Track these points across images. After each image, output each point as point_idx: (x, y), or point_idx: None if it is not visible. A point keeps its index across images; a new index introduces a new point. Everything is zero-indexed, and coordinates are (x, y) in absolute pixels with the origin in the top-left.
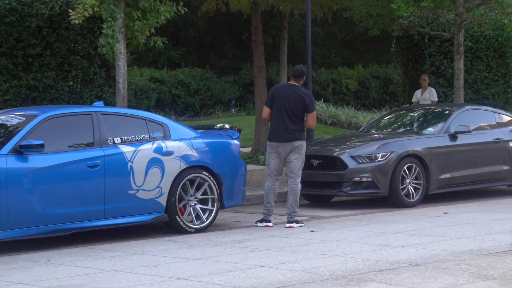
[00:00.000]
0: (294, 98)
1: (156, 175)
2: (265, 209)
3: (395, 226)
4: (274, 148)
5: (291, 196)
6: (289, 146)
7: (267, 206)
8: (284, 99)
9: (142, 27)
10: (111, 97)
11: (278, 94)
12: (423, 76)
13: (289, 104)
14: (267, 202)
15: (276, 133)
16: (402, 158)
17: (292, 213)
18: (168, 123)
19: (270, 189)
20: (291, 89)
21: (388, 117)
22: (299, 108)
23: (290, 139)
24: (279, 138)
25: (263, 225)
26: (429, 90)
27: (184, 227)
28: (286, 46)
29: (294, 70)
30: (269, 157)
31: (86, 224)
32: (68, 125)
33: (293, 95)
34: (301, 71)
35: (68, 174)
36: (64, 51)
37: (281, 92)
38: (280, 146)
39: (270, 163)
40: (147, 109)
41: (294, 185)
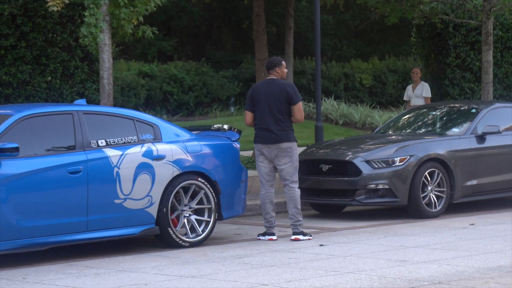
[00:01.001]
0: (276, 94)
1: (145, 182)
2: (265, 222)
3: (415, 240)
4: (259, 150)
5: (291, 203)
6: (274, 148)
7: (267, 217)
8: (265, 98)
9: (129, 15)
10: (94, 94)
11: (257, 95)
12: (415, 68)
13: (272, 102)
14: (265, 213)
15: (260, 134)
16: (423, 162)
17: (296, 223)
18: (159, 124)
19: (265, 198)
20: (271, 85)
21: (407, 116)
22: (283, 103)
23: (275, 140)
24: (263, 140)
25: (266, 239)
26: (422, 85)
27: (177, 240)
28: (292, 36)
29: (267, 62)
30: (258, 160)
31: (67, 238)
32: (46, 126)
33: (274, 90)
34: (270, 61)
35: (46, 181)
36: (41, 42)
37: (260, 91)
38: (265, 148)
39: (260, 168)
40: (135, 108)
41: (291, 191)
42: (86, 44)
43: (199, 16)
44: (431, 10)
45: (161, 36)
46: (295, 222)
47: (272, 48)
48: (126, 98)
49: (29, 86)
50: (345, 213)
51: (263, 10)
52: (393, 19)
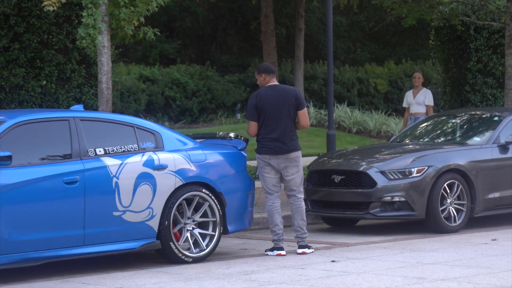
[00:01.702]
0: (285, 101)
1: (146, 193)
2: (274, 235)
3: (433, 256)
4: (265, 161)
5: (298, 215)
6: (283, 159)
7: (275, 230)
8: (273, 106)
9: (129, 15)
10: (92, 100)
11: (263, 103)
12: (416, 73)
13: (281, 110)
14: (273, 225)
15: (268, 144)
16: (442, 173)
17: (302, 235)
18: (160, 131)
19: (272, 208)
20: (278, 91)
21: (425, 124)
22: (292, 111)
23: (285, 150)
24: (271, 151)
25: (274, 254)
26: (424, 91)
27: (179, 255)
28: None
29: (267, 66)
30: (262, 172)
31: (63, 252)
32: (41, 133)
33: (283, 97)
34: (269, 65)
35: (41, 192)
36: (36, 44)
37: (267, 98)
38: (273, 159)
39: (266, 179)
40: (136, 114)
41: (297, 201)
42: (83, 46)
43: (204, 17)
44: (451, 11)
45: (163, 38)
46: (302, 234)
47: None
48: (126, 104)
49: (22, 90)
50: (359, 227)
51: (272, 10)
52: (410, 20)
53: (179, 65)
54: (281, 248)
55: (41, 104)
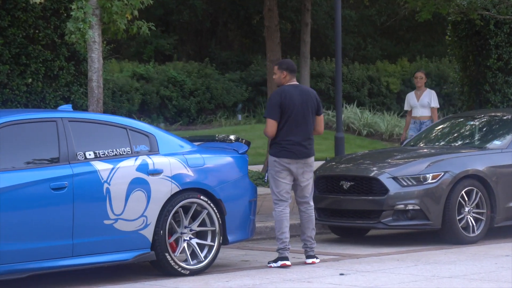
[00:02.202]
0: (310, 102)
1: (139, 200)
2: (280, 243)
3: (450, 269)
4: (284, 165)
5: (310, 224)
6: (302, 163)
7: (282, 237)
8: (299, 107)
9: (122, 8)
10: (81, 99)
11: (290, 102)
12: (419, 72)
13: (306, 112)
14: (281, 233)
15: (292, 148)
16: (460, 180)
17: (311, 245)
18: (155, 133)
19: (283, 216)
20: (302, 92)
21: (442, 127)
22: (313, 113)
23: (306, 155)
24: (294, 155)
25: (278, 265)
26: (428, 92)
27: (175, 267)
28: (308, 34)
29: (288, 64)
30: (278, 177)
31: (50, 264)
32: (26, 135)
33: (307, 98)
34: (291, 63)
35: (26, 198)
36: (21, 39)
37: (293, 98)
38: (293, 163)
39: (280, 184)
40: (129, 115)
41: (309, 210)
42: (72, 41)
43: (203, 10)
44: (469, 4)
45: (159, 32)
46: (311, 244)
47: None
48: (118, 104)
49: (6, 89)
50: (369, 237)
51: (276, 4)
52: (425, 15)
53: (176, 62)
54: (286, 258)
55: (27, 104)
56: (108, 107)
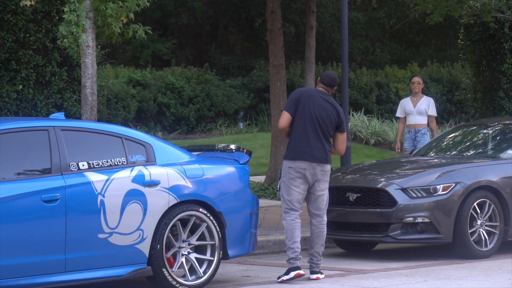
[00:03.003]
0: (329, 110)
1: (135, 213)
2: (291, 253)
3: (461, 284)
4: (299, 172)
5: (319, 239)
6: (319, 170)
7: (293, 247)
8: (316, 108)
9: (117, 11)
10: (75, 107)
11: (308, 101)
12: (416, 77)
13: (323, 116)
14: (292, 242)
15: (305, 149)
16: (472, 191)
17: (318, 261)
18: (152, 143)
19: (293, 224)
20: (324, 98)
21: (453, 135)
22: (332, 124)
23: (323, 160)
24: (310, 157)
25: (291, 276)
26: (426, 99)
27: (173, 284)
28: (314, 38)
29: (325, 75)
30: (291, 184)
31: (41, 280)
32: (16, 144)
33: (328, 106)
34: (333, 78)
35: (16, 211)
36: (11, 43)
37: (312, 98)
38: (309, 169)
39: (293, 193)
40: (124, 123)
41: (321, 225)
42: (65, 46)
43: (202, 13)
44: (482, 6)
45: (156, 36)
46: (318, 260)
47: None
48: (113, 111)
49: None
50: (377, 251)
51: (279, 6)
52: (436, 17)
53: (174, 67)
54: (298, 268)
55: (17, 112)
56: (103, 115)
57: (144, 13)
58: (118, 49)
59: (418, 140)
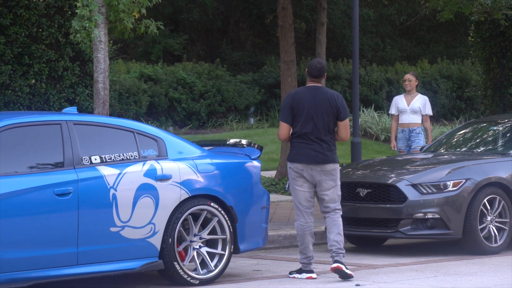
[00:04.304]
0: (324, 106)
1: (147, 207)
2: (303, 257)
3: (471, 280)
4: (297, 172)
5: (335, 228)
6: (318, 170)
7: (305, 252)
8: (311, 108)
9: (129, 6)
10: (87, 101)
11: (301, 104)
12: (408, 75)
13: (318, 115)
14: (304, 247)
15: (302, 150)
16: (482, 187)
17: (338, 250)
18: (164, 137)
19: (304, 229)
20: (315, 93)
21: (463, 132)
22: (331, 119)
23: (321, 160)
24: (306, 158)
25: (303, 277)
26: (420, 98)
27: (184, 277)
28: (324, 34)
29: (311, 68)
30: (294, 184)
31: (54, 273)
32: (29, 138)
33: (321, 101)
34: (320, 68)
35: (29, 204)
36: (24, 38)
37: (303, 100)
38: (306, 170)
39: (298, 193)
40: (136, 118)
41: (334, 215)
42: (77, 41)
43: (213, 9)
44: (493, 3)
45: (168, 32)
46: (338, 249)
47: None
48: (125, 106)
49: (8, 90)
50: (387, 246)
51: (290, 2)
52: (447, 14)
53: (185, 63)
54: (311, 271)
55: (30, 106)
56: (115, 109)
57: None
58: (130, 44)
59: (412, 140)
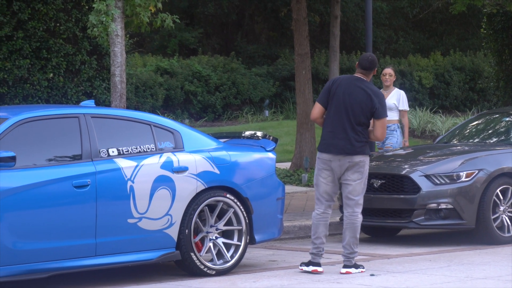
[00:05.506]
0: (360, 97)
1: (164, 198)
2: (313, 247)
3: (484, 269)
4: (325, 163)
5: (349, 231)
6: (346, 161)
7: (316, 242)
8: (345, 96)
9: (145, 0)
10: (104, 95)
11: (338, 89)
12: (387, 69)
13: (352, 104)
14: (316, 237)
15: (330, 140)
16: (495, 178)
17: (349, 254)
18: (180, 130)
19: (320, 219)
20: (357, 84)
21: (476, 123)
22: (364, 110)
23: (349, 151)
24: (334, 149)
25: (309, 269)
26: (396, 93)
27: (201, 268)
28: (338, 27)
29: (362, 59)
30: (319, 175)
31: (72, 264)
32: (48, 131)
33: (359, 92)
34: (372, 60)
35: (48, 196)
36: (42, 32)
37: (342, 86)
38: (335, 161)
39: (320, 183)
40: (152, 111)
41: (352, 216)
42: (95, 35)
43: (228, 2)
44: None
45: (183, 26)
46: (350, 253)
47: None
48: (142, 99)
49: (27, 84)
50: (400, 237)
51: None
52: (459, 6)
53: (201, 56)
54: (318, 264)
55: (48, 99)
56: (132, 102)
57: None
58: (146, 38)
59: (387, 137)
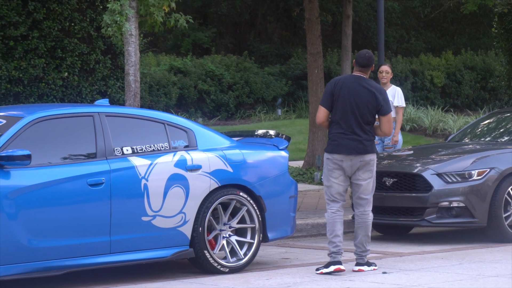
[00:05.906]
0: (364, 95)
1: (178, 196)
2: (332, 246)
3: (496, 268)
4: (336, 163)
5: (361, 230)
6: (358, 160)
7: (335, 241)
8: (351, 97)
9: (159, 0)
10: (118, 93)
11: (342, 90)
12: (384, 66)
13: (359, 105)
14: (333, 235)
15: (340, 141)
16: (506, 176)
17: (362, 252)
18: (193, 128)
19: (335, 217)
20: (358, 83)
21: (487, 122)
22: (370, 109)
23: (360, 151)
24: (345, 149)
25: (330, 270)
26: (393, 89)
27: (215, 265)
28: (350, 27)
29: (359, 56)
30: (330, 176)
31: (87, 261)
32: (63, 130)
33: (362, 91)
34: (369, 57)
35: (63, 194)
36: (57, 32)
37: (345, 87)
38: (346, 160)
39: (332, 184)
40: (166, 110)
41: (364, 215)
42: (109, 34)
43: (241, 2)
44: None
45: (196, 25)
46: (362, 251)
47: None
48: (155, 98)
49: (42, 83)
50: (413, 235)
51: None
52: (471, 6)
53: (214, 55)
54: (339, 262)
55: (63, 98)
56: (145, 101)
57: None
58: (159, 38)
59: None
